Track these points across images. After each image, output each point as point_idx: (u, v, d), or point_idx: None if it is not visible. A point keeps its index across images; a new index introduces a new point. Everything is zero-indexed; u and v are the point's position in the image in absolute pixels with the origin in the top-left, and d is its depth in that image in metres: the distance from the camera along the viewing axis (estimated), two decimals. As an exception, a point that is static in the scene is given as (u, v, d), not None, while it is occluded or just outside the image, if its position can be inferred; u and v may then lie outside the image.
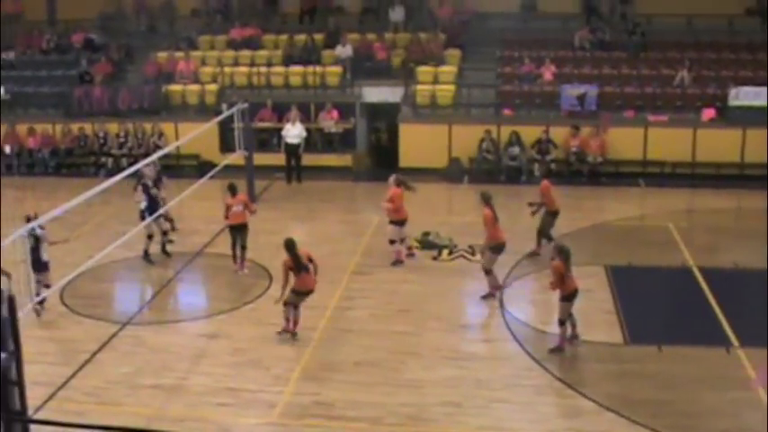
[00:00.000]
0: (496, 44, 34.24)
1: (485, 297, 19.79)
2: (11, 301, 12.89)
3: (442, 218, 26.16)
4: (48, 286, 19.06)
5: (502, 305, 19.40)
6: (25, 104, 35.99)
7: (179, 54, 35.59)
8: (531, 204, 21.96)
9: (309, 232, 18.25)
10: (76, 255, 21.59)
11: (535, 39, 34.22)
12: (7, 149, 34.00)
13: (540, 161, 29.93)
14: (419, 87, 32.16)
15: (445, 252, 23.00)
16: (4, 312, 12.82)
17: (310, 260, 17.87)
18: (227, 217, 21.87)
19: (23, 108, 35.89)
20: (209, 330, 18.84)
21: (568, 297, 16.98)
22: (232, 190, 22.09)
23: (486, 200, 19.63)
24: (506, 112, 31.24)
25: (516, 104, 31.42)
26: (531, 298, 20.34)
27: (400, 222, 22.26)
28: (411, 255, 22.80)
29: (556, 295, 17.12)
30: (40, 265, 18.83)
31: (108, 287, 20.51)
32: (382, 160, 32.77)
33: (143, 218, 22.41)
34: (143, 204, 22.70)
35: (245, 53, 35.34)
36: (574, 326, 17.41)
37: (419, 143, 31.19)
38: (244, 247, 21.98)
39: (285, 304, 18.04)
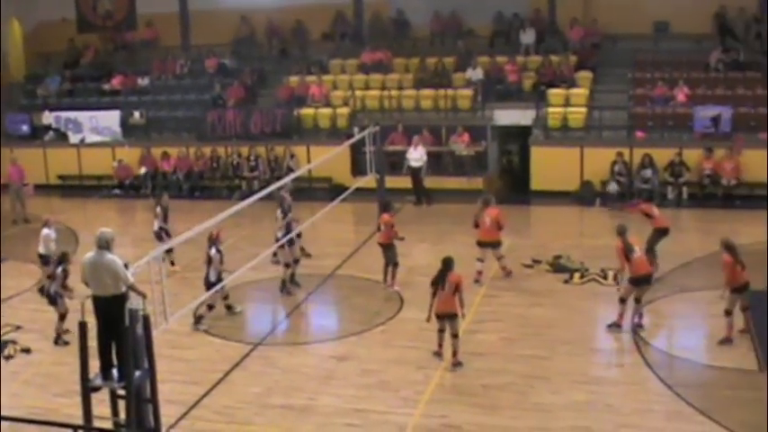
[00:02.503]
0: (628, 66, 33.80)
1: (610, 326, 19.27)
2: (146, 320, 13.19)
3: (574, 241, 25.93)
4: (211, 307, 20.46)
5: (633, 330, 19.05)
6: (160, 128, 36.96)
7: (311, 78, 36.01)
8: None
9: (438, 255, 18.12)
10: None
11: (668, 60, 33.63)
12: (142, 171, 34.83)
13: (672, 184, 29.48)
14: (550, 110, 31.95)
15: (577, 276, 22.77)
16: (139, 331, 13.12)
17: (457, 286, 17.51)
18: (386, 235, 21.99)
19: (158, 132, 36.84)
20: (338, 352, 18.95)
21: (739, 290, 17.80)
22: (387, 207, 22.62)
23: (621, 233, 19.08)
24: (639, 134, 30.82)
25: (649, 127, 31.01)
26: (663, 322, 19.92)
27: (482, 243, 22.51)
28: (508, 274, 22.81)
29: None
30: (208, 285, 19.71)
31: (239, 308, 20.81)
32: (513, 183, 32.77)
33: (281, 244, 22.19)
34: (281, 232, 22.36)
35: (376, 77, 35.53)
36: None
37: (551, 166, 30.97)
38: (395, 264, 22.04)
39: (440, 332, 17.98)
